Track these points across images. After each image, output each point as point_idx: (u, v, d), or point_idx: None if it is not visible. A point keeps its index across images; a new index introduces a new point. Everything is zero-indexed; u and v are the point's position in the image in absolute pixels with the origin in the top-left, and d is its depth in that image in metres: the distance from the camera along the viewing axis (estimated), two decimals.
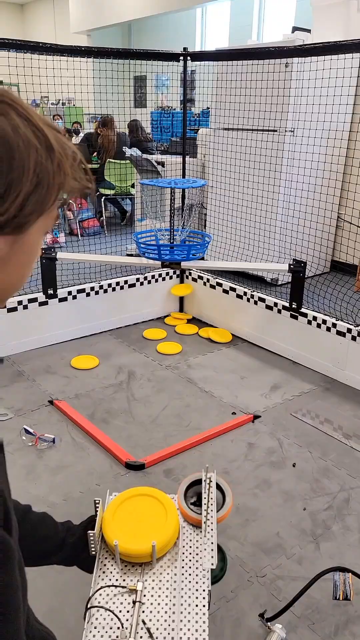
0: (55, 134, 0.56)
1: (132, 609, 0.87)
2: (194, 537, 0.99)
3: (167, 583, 0.91)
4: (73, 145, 0.58)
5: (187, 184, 2.92)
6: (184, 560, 0.95)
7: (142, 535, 0.94)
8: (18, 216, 0.53)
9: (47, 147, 0.54)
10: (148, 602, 0.88)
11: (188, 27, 10.35)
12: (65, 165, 0.56)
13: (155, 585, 0.91)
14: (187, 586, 0.91)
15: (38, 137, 0.54)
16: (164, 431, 2.46)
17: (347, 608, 1.57)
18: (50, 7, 12.89)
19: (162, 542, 0.93)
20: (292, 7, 8.31)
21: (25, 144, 0.52)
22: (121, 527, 0.95)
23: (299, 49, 2.63)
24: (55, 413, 2.57)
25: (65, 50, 2.75)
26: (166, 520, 0.97)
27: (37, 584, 1.59)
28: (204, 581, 0.92)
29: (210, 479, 1.03)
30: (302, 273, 2.97)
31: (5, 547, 0.52)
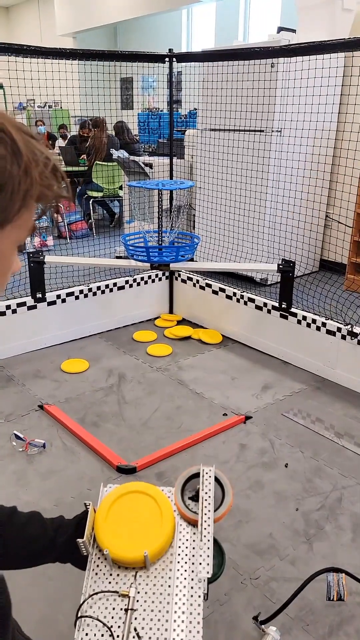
0: (27, 139, 0.54)
1: (124, 615, 0.84)
2: (191, 536, 0.95)
3: (161, 588, 0.88)
4: (49, 152, 0.56)
5: (174, 185, 2.91)
6: (180, 563, 0.91)
7: (135, 540, 0.90)
8: None
9: (13, 151, 0.52)
10: (141, 609, 0.85)
11: (174, 28, 10.36)
12: (33, 171, 0.54)
13: (148, 590, 0.88)
14: (182, 591, 0.88)
15: (4, 141, 0.52)
16: (155, 434, 2.44)
17: (341, 608, 1.57)
18: (36, 9, 12.83)
19: (155, 550, 0.89)
20: (278, 7, 8.35)
21: None
22: (114, 530, 0.91)
23: (284, 49, 2.64)
24: (45, 418, 2.55)
25: (50, 52, 2.73)
26: (161, 524, 0.92)
27: (29, 593, 1.56)
28: (200, 586, 0.89)
29: (208, 476, 0.99)
30: (291, 273, 2.98)
31: None
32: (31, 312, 3.16)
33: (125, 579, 0.89)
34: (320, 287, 3.36)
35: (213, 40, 9.60)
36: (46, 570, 1.64)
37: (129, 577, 0.89)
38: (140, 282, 3.64)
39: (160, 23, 10.38)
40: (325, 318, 2.92)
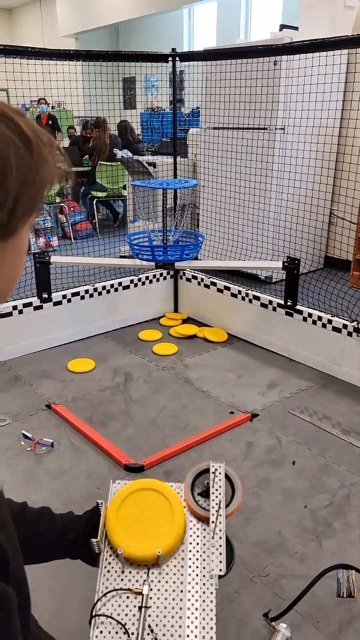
0: (26, 120, 0.52)
1: (138, 613, 0.84)
2: (202, 532, 0.95)
3: (174, 585, 0.88)
4: (42, 129, 0.54)
5: (178, 184, 2.92)
6: (191, 560, 0.91)
7: (147, 538, 0.90)
8: (11, 221, 0.50)
9: (22, 137, 0.50)
10: (154, 606, 0.86)
11: (176, 27, 10.35)
12: (45, 153, 0.52)
13: (161, 587, 0.88)
14: (194, 588, 0.88)
15: (12, 129, 0.49)
16: (162, 432, 2.45)
17: (351, 605, 1.57)
18: (38, 11, 12.86)
19: (167, 548, 0.90)
20: (279, 5, 8.33)
21: (3, 140, 0.48)
22: (126, 528, 0.91)
23: (286, 47, 2.63)
24: (53, 417, 2.56)
25: (54, 54, 2.73)
26: (172, 521, 0.93)
27: (40, 589, 1.57)
28: (212, 583, 0.89)
29: (218, 472, 0.99)
30: (296, 270, 2.97)
31: (5, 597, 0.50)
32: (37, 312, 3.17)
33: (137, 577, 0.89)
34: (325, 284, 3.35)
35: (215, 38, 9.58)
36: (56, 567, 1.65)
37: (141, 575, 0.89)
38: (145, 281, 3.65)
39: (162, 22, 10.38)
40: (331, 315, 2.92)
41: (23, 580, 0.60)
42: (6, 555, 0.52)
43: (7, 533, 0.56)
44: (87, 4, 10.16)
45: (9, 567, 0.52)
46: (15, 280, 0.58)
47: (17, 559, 0.57)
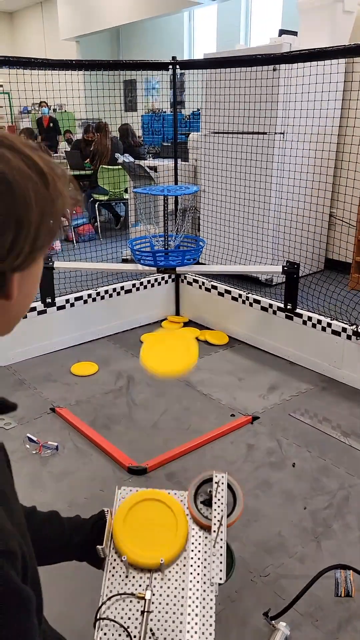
0: (39, 154, 0.54)
1: (140, 617, 0.88)
2: (204, 540, 0.99)
3: (175, 591, 0.92)
4: (54, 161, 0.57)
5: (179, 191, 2.96)
6: (193, 567, 0.95)
7: (151, 546, 0.94)
8: (32, 252, 0.53)
9: (39, 172, 0.53)
10: (156, 611, 0.90)
11: (176, 30, 10.40)
12: (60, 185, 0.55)
13: (163, 592, 0.92)
14: (195, 594, 0.92)
15: (29, 165, 0.52)
16: (164, 435, 2.49)
17: (349, 604, 1.61)
18: (39, 15, 12.91)
19: (170, 556, 0.94)
20: (279, 9, 8.37)
21: (21, 176, 0.51)
22: (131, 536, 0.96)
23: (284, 56, 2.67)
24: (57, 420, 2.61)
25: (56, 64, 2.78)
26: (176, 531, 0.97)
27: (47, 591, 1.61)
28: (212, 590, 0.93)
29: (221, 483, 1.02)
30: (295, 274, 3.01)
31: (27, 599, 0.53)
32: (41, 316, 3.22)
33: (140, 581, 0.93)
34: (325, 287, 3.39)
35: (215, 41, 9.63)
36: (64, 569, 1.70)
37: (144, 580, 0.93)
38: (147, 285, 3.69)
39: (163, 25, 10.42)
40: (331, 318, 2.95)
41: (37, 580, 0.65)
42: (25, 558, 0.55)
43: (24, 536, 0.60)
44: (88, 7, 10.21)
45: (28, 570, 0.56)
46: (27, 307, 0.62)
47: (32, 562, 0.62)
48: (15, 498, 0.63)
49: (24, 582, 0.54)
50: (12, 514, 0.57)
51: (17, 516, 0.60)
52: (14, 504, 0.60)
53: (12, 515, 0.56)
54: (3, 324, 0.61)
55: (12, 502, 0.59)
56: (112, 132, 6.39)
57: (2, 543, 0.51)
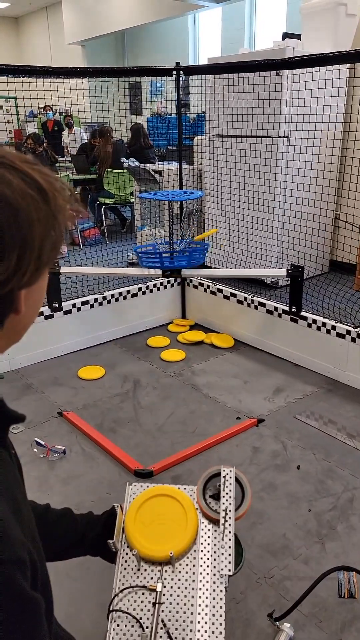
0: (39, 170, 0.56)
1: (152, 608, 0.91)
2: (213, 533, 1.01)
3: (186, 582, 0.95)
4: (54, 175, 0.58)
5: (184, 196, 2.99)
6: (202, 559, 0.97)
7: (162, 539, 0.97)
8: (38, 268, 0.56)
9: (39, 190, 0.54)
10: (167, 602, 0.92)
11: (181, 33, 10.44)
12: (60, 201, 0.57)
13: (174, 584, 0.95)
14: (205, 586, 0.94)
15: (29, 184, 0.53)
16: (170, 438, 2.52)
17: (353, 605, 1.63)
18: (45, 19, 13.01)
19: (181, 549, 0.96)
20: (283, 11, 8.38)
21: (22, 195, 0.52)
22: (142, 531, 0.99)
23: (287, 62, 2.69)
24: (64, 424, 2.64)
25: (62, 72, 2.82)
26: (186, 525, 1.00)
27: (54, 591, 1.65)
28: (222, 581, 0.95)
29: (229, 476, 1.05)
30: (300, 277, 3.03)
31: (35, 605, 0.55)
32: (48, 321, 3.26)
33: (152, 574, 0.96)
34: (330, 289, 3.40)
35: (220, 44, 9.66)
36: (69, 570, 1.73)
37: (155, 572, 0.96)
38: (153, 289, 3.72)
39: (168, 29, 10.47)
40: (335, 321, 2.97)
41: (47, 584, 0.67)
42: (36, 564, 0.57)
43: (34, 541, 0.62)
44: (93, 11, 10.28)
45: (38, 575, 0.58)
46: (36, 315, 0.64)
47: (42, 566, 0.64)
48: (26, 503, 0.65)
49: (34, 588, 0.56)
50: (23, 520, 0.59)
51: (28, 521, 0.61)
52: (25, 510, 0.62)
53: (22, 522, 0.58)
54: (14, 334, 0.63)
55: (23, 508, 0.60)
56: (115, 137, 6.41)
57: (12, 552, 0.52)
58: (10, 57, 13.43)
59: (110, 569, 1.04)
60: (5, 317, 0.58)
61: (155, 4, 8.85)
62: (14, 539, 0.54)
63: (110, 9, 9.92)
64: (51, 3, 12.31)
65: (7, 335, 0.61)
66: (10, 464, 0.64)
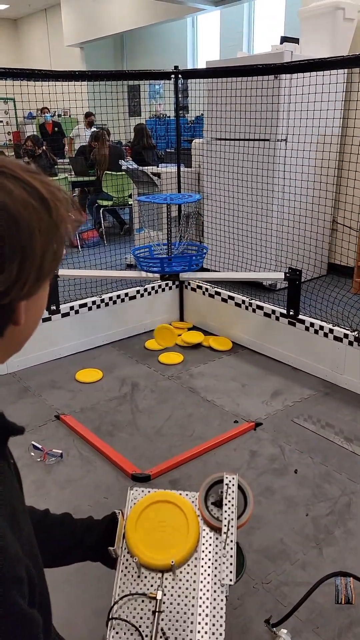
0: (41, 179, 0.55)
1: (151, 617, 0.90)
2: (214, 541, 1.00)
3: (187, 591, 0.94)
4: (56, 184, 0.58)
5: (182, 199, 2.99)
6: (204, 567, 0.96)
7: (162, 548, 0.96)
8: (39, 279, 0.55)
9: (41, 200, 0.53)
10: (167, 610, 0.91)
11: (180, 36, 10.45)
12: (62, 211, 0.56)
13: (174, 592, 0.93)
14: (205, 594, 0.93)
15: (31, 193, 0.53)
16: (168, 442, 2.51)
17: (350, 611, 1.63)
18: (44, 21, 13.01)
19: (181, 557, 0.95)
20: (282, 15, 8.40)
21: (24, 205, 0.52)
22: (143, 538, 0.98)
23: (285, 66, 2.70)
24: (62, 428, 2.64)
25: (61, 75, 2.82)
26: (187, 532, 0.98)
27: (52, 597, 1.64)
28: (222, 590, 0.94)
29: (232, 484, 1.04)
30: (298, 280, 3.03)
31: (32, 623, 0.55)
32: (46, 324, 3.25)
33: (152, 581, 0.95)
34: (328, 292, 3.40)
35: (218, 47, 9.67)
36: (66, 576, 1.72)
37: (155, 580, 0.95)
38: (151, 291, 3.72)
39: (166, 31, 10.48)
40: (333, 325, 2.97)
41: (45, 596, 0.67)
42: (33, 579, 0.57)
43: (32, 554, 0.61)
44: (92, 14, 10.29)
45: (35, 590, 0.57)
46: (36, 326, 0.63)
47: (40, 579, 0.63)
48: (24, 513, 0.63)
49: (31, 603, 0.55)
50: (21, 534, 0.58)
51: (26, 535, 0.60)
52: (23, 522, 0.61)
53: (20, 536, 0.57)
54: (14, 345, 0.62)
55: (21, 521, 0.59)
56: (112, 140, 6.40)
57: (9, 570, 0.52)
58: (9, 59, 13.44)
59: (109, 575, 1.03)
60: (5, 328, 0.57)
61: (154, 6, 8.86)
62: (11, 557, 0.53)
63: (109, 11, 9.93)
64: (50, 5, 12.31)
65: (7, 345, 0.61)
66: (9, 475, 0.63)
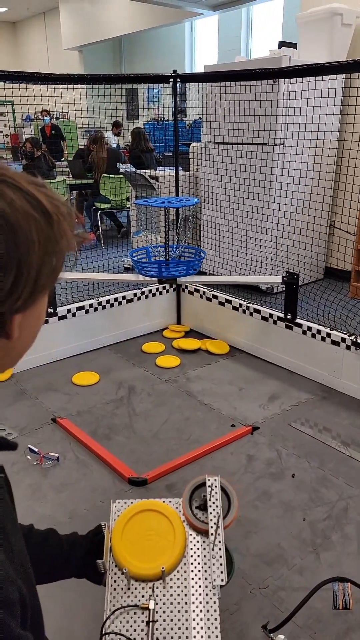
0: (45, 192, 0.54)
1: (146, 627, 0.89)
2: (202, 545, 0.99)
3: (179, 597, 0.93)
4: (61, 198, 0.56)
5: (180, 203, 2.99)
6: (194, 572, 0.95)
7: (151, 557, 0.95)
8: (33, 293, 0.53)
9: (43, 212, 0.52)
10: (161, 619, 0.90)
11: (178, 40, 10.49)
12: (65, 225, 0.55)
13: (166, 600, 0.92)
14: (198, 599, 0.92)
15: (33, 205, 0.52)
16: (165, 445, 2.51)
17: (348, 617, 1.62)
18: (42, 24, 13.04)
19: (171, 564, 0.95)
20: (280, 20, 8.44)
21: (24, 217, 0.50)
22: (130, 549, 0.97)
23: (283, 71, 2.71)
24: (58, 431, 2.62)
25: (59, 78, 2.83)
26: (174, 539, 0.98)
27: (45, 604, 1.63)
28: (214, 592, 0.93)
29: (214, 485, 1.04)
30: (295, 284, 3.04)
31: None
32: (43, 326, 3.19)
33: (143, 592, 0.94)
34: (325, 296, 3.41)
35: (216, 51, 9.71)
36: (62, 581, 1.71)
37: (146, 590, 0.94)
38: (148, 294, 3.72)
39: (165, 35, 10.52)
40: (330, 329, 2.97)
41: (38, 613, 0.65)
42: (25, 600, 0.55)
43: (24, 572, 0.59)
44: (90, 17, 10.33)
45: (27, 610, 0.56)
46: (32, 342, 0.62)
47: (33, 598, 0.62)
48: (16, 531, 0.62)
49: (23, 623, 0.54)
50: (13, 554, 0.57)
51: (18, 552, 0.59)
52: (15, 539, 0.59)
53: (12, 557, 0.56)
54: (7, 360, 0.60)
55: (12, 539, 0.58)
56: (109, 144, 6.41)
57: (1, 592, 0.50)
58: (7, 61, 13.45)
59: None
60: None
61: (153, 11, 8.89)
62: (2, 580, 0.52)
63: (108, 15, 9.96)
64: (49, 8, 12.34)
65: None
66: (1, 492, 0.62)
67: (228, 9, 8.40)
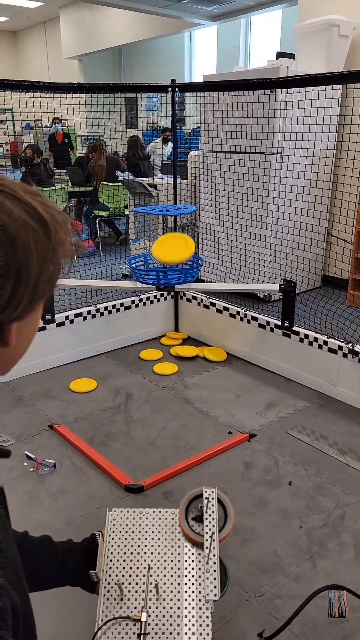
0: (41, 201, 0.55)
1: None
2: (197, 557, 0.99)
3: (171, 610, 0.92)
4: (56, 206, 0.57)
5: (178, 211, 3.01)
6: (187, 585, 0.95)
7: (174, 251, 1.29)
8: (32, 301, 0.54)
9: (40, 221, 0.53)
10: (153, 632, 0.89)
11: (178, 49, 10.59)
12: (61, 233, 0.55)
13: (159, 613, 0.91)
14: (191, 612, 0.92)
15: (30, 214, 0.52)
16: (162, 453, 2.50)
17: (343, 625, 1.62)
18: (43, 34, 13.15)
19: None
20: (278, 31, 8.54)
21: (23, 226, 0.51)
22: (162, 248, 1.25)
23: (281, 81, 2.75)
24: (55, 437, 2.62)
25: (59, 87, 2.85)
26: None
27: (41, 610, 1.62)
28: (207, 607, 0.93)
29: (211, 497, 1.03)
30: (292, 292, 3.05)
31: None
32: (40, 333, 3.25)
33: (135, 603, 0.93)
34: (322, 304, 3.42)
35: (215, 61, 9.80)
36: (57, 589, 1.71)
37: (139, 601, 0.94)
38: (146, 301, 3.73)
39: (164, 45, 10.62)
40: (327, 336, 2.98)
41: (30, 621, 0.65)
42: (17, 608, 0.55)
43: (17, 580, 0.59)
44: (90, 27, 10.42)
45: (19, 620, 0.56)
46: (27, 349, 0.63)
47: (25, 603, 0.61)
48: (11, 546, 0.62)
49: (15, 633, 0.54)
50: (6, 564, 0.57)
51: (11, 560, 0.59)
52: (8, 547, 0.60)
53: (6, 567, 0.56)
54: (1, 367, 0.61)
55: (6, 547, 0.58)
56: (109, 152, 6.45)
57: None
58: (8, 70, 13.56)
59: None
60: None
61: (152, 21, 8.98)
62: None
63: (108, 25, 10.06)
64: (49, 18, 12.46)
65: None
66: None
67: (227, 19, 8.50)
